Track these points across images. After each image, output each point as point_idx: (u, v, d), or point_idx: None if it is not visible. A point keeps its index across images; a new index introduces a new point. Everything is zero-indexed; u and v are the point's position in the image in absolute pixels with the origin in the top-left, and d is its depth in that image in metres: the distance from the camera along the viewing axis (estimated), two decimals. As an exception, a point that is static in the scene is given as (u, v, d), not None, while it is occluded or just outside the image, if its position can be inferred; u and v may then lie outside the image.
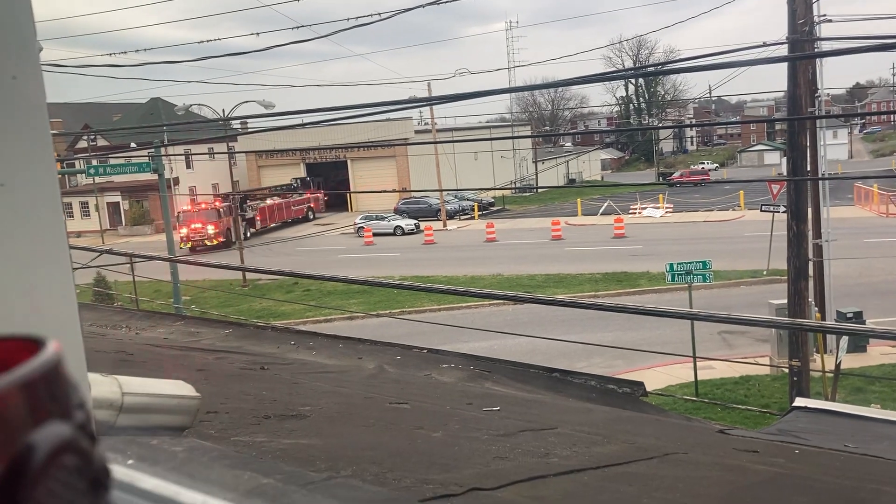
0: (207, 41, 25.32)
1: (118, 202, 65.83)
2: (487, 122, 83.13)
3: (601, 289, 28.55)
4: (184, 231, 46.76)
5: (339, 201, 67.00)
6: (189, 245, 47.00)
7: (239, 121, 49.13)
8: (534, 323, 22.87)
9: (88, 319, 6.51)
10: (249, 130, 45.40)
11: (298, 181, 63.87)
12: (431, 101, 16.81)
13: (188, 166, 66.43)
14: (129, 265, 25.69)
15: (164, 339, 5.57)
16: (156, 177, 24.14)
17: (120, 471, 0.89)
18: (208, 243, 47.77)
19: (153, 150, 24.28)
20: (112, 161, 35.26)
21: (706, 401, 15.64)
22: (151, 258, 6.41)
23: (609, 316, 22.22)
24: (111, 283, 27.74)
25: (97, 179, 52.85)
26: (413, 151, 59.79)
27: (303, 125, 16.48)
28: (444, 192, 55.79)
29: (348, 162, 66.43)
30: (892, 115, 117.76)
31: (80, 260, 14.89)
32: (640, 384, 4.49)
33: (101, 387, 1.30)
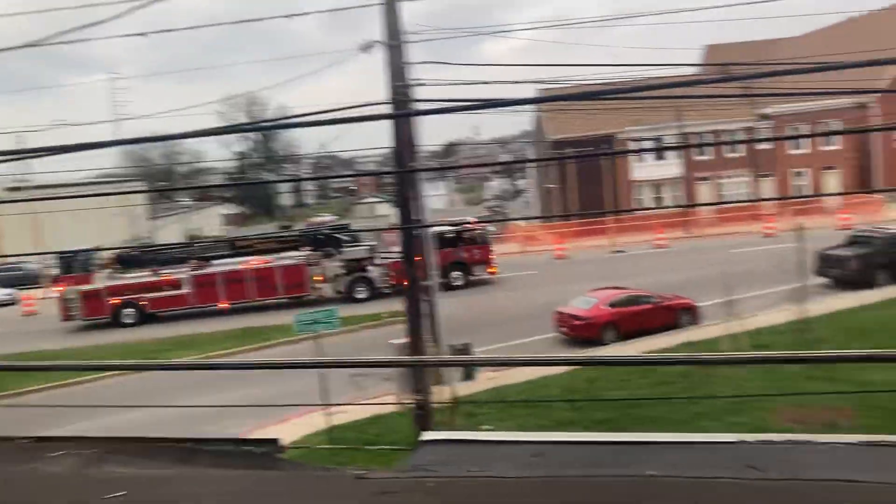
0: None
1: None
2: (96, 177, 76.61)
3: (233, 346, 27.87)
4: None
5: None
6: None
7: None
8: (158, 391, 21.38)
9: None
10: None
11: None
12: (17, 154, 15.07)
13: None
14: None
15: None
16: None
17: None
18: None
19: None
20: None
21: (342, 446, 15.99)
22: None
23: (243, 374, 21.70)
24: None
25: None
26: (4, 212, 52.90)
27: None
28: (48, 256, 49.99)
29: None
30: (480, 169, 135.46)
31: None
32: (275, 441, 4.40)
33: None
